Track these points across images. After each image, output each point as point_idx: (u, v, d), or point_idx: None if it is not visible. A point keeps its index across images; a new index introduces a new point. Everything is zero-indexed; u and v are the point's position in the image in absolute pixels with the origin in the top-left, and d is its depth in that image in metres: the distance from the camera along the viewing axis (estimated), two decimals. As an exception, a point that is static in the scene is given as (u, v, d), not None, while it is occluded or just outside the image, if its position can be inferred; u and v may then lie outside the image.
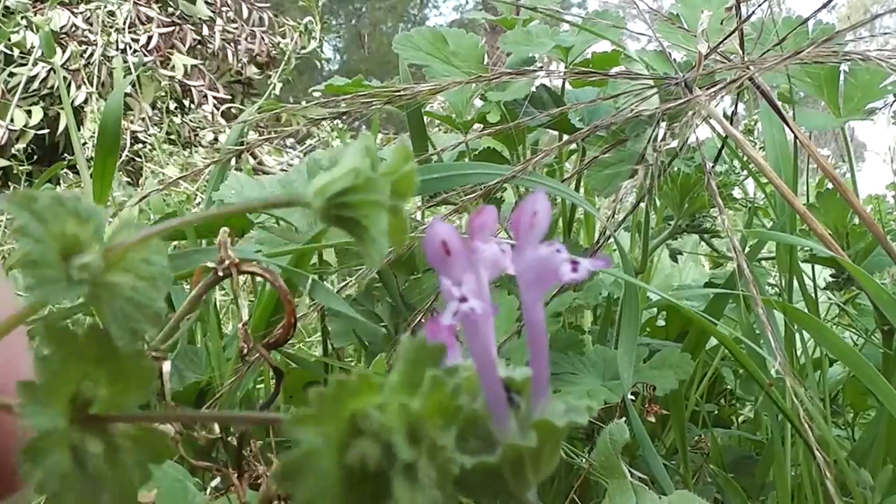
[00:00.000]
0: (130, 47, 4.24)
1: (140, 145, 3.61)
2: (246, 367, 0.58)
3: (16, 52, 3.91)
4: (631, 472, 0.58)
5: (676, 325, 1.00)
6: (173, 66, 4.71)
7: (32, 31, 3.70)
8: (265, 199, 0.55)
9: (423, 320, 0.98)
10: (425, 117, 0.97)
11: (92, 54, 4.20)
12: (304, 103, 0.90)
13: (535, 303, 0.22)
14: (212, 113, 4.70)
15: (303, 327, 1.05)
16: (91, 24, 4.32)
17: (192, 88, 4.76)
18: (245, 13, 5.28)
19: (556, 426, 0.22)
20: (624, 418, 0.64)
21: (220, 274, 0.42)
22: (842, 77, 0.88)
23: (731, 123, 0.84)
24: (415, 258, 0.90)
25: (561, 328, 0.86)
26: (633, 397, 0.80)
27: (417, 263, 0.96)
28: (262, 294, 0.81)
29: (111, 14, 4.22)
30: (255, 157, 3.85)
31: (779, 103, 0.83)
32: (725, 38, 0.82)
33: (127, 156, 3.47)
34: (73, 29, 4.37)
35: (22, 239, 0.20)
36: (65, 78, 3.99)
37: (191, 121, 4.49)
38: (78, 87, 4.04)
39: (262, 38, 5.22)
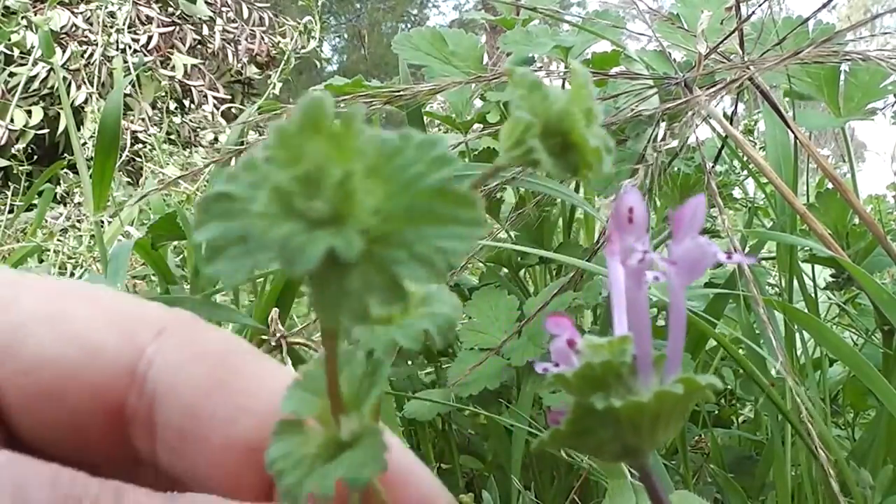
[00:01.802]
0: (130, 47, 4.24)
1: (140, 145, 3.61)
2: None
3: (16, 52, 3.91)
4: (631, 472, 0.58)
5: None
6: (173, 66, 4.72)
7: (32, 31, 3.70)
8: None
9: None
10: (425, 117, 0.97)
11: (92, 54, 4.20)
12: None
13: (682, 288, 0.25)
14: (212, 113, 4.70)
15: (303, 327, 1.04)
16: (91, 24, 4.33)
17: (192, 88, 4.76)
18: (245, 13, 5.28)
19: (699, 382, 0.23)
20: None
21: (273, 344, 0.43)
22: (842, 77, 0.88)
23: (731, 123, 0.84)
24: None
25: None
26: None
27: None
28: (262, 294, 0.81)
29: (111, 14, 4.22)
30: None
31: (783, 101, 0.83)
32: (725, 38, 0.82)
33: (127, 156, 3.47)
34: (73, 29, 4.37)
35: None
36: (65, 78, 3.99)
37: (191, 121, 4.49)
38: (78, 87, 4.04)
39: (262, 38, 5.22)
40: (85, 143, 2.99)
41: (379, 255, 0.15)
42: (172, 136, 3.68)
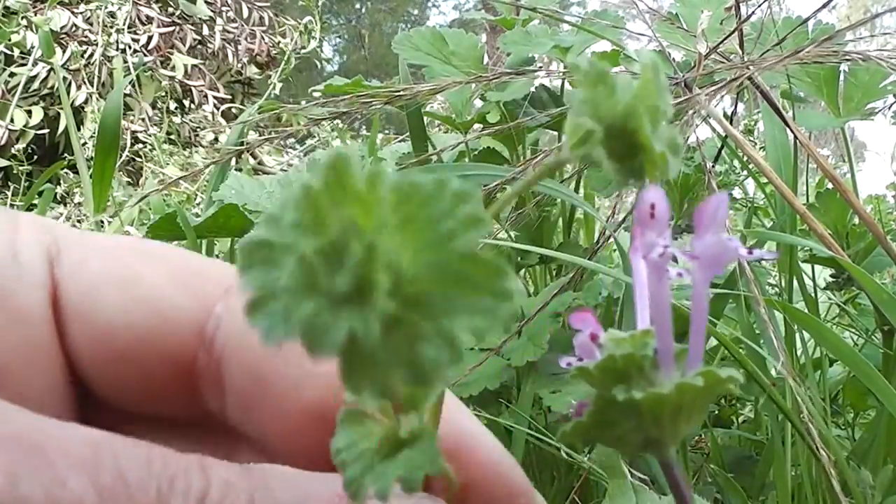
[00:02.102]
0: (130, 47, 4.24)
1: (140, 145, 3.61)
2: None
3: (16, 52, 3.91)
4: (631, 472, 0.58)
5: (676, 325, 0.99)
6: (173, 66, 4.72)
7: (32, 31, 3.70)
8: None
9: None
10: (425, 117, 0.97)
11: (92, 54, 4.20)
12: (303, 103, 0.90)
13: (705, 282, 0.26)
14: (212, 113, 4.70)
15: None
16: (91, 24, 4.33)
17: (193, 88, 4.76)
18: (245, 13, 5.28)
19: (720, 375, 0.24)
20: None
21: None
22: (842, 77, 0.88)
23: (731, 123, 0.84)
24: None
25: (561, 328, 0.86)
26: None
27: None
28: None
29: (111, 14, 4.22)
30: (255, 157, 3.85)
31: (782, 101, 0.83)
32: (725, 38, 0.82)
33: (127, 156, 3.47)
34: (74, 29, 4.37)
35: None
36: (65, 78, 3.99)
37: (191, 121, 4.49)
38: (78, 88, 4.04)
39: (263, 38, 5.22)
40: (85, 143, 2.99)
41: (405, 326, 0.15)
42: (172, 136, 3.69)
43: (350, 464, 0.20)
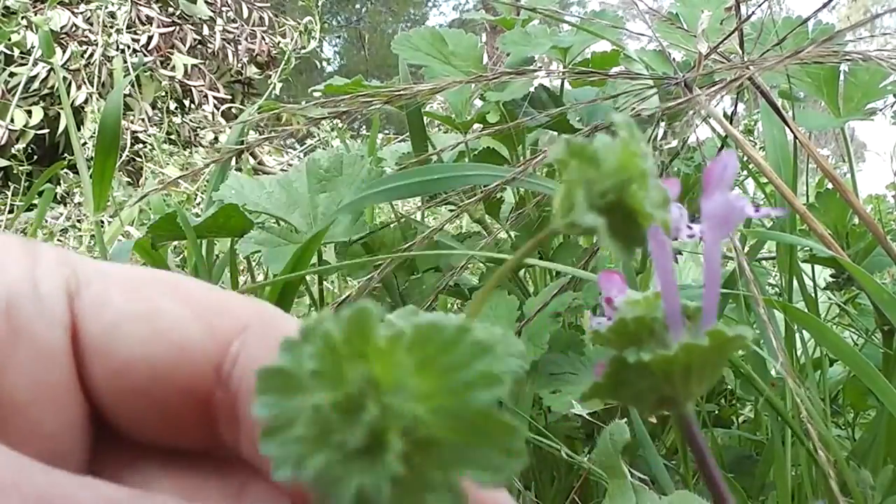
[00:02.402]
0: (130, 47, 4.24)
1: (140, 145, 3.61)
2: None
3: (16, 52, 3.91)
4: (631, 472, 0.58)
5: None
6: (173, 66, 4.71)
7: (32, 31, 3.70)
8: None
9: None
10: (425, 117, 0.97)
11: (92, 54, 4.20)
12: (304, 103, 0.90)
13: (716, 243, 0.26)
14: (212, 113, 4.70)
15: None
16: (91, 24, 4.33)
17: (193, 88, 4.76)
18: (245, 13, 5.28)
19: (727, 334, 0.24)
20: (625, 418, 0.64)
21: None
22: (842, 77, 0.88)
23: (731, 123, 0.84)
24: (414, 258, 0.90)
25: (561, 328, 0.86)
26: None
27: (417, 263, 0.96)
28: (261, 296, 0.81)
29: (111, 14, 4.22)
30: (255, 157, 3.85)
31: (780, 101, 0.83)
32: (725, 38, 0.82)
33: (127, 156, 3.47)
34: (74, 29, 4.37)
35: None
36: (65, 78, 3.99)
37: (191, 121, 4.49)
38: (78, 88, 4.04)
39: (263, 38, 5.22)
40: (85, 143, 2.99)
41: (415, 475, 0.15)
42: (172, 136, 3.69)
43: None
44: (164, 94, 4.30)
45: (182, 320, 0.27)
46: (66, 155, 3.76)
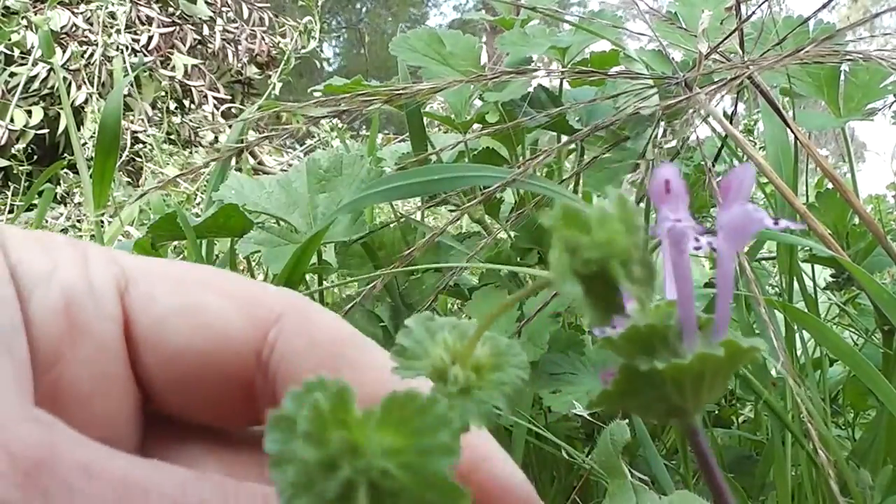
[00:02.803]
0: (130, 47, 4.24)
1: (140, 145, 3.61)
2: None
3: (16, 52, 3.91)
4: (631, 472, 0.58)
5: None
6: (173, 67, 4.71)
7: (32, 31, 3.70)
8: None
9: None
10: (425, 118, 0.97)
11: (92, 54, 4.20)
12: (303, 103, 0.90)
13: (731, 253, 0.26)
14: (212, 113, 4.70)
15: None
16: (91, 24, 4.32)
17: (193, 88, 4.76)
18: (245, 13, 5.28)
19: (741, 345, 0.24)
20: (625, 419, 0.64)
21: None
22: (842, 77, 0.88)
23: (731, 123, 0.84)
24: (415, 259, 0.90)
25: (561, 328, 0.86)
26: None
27: (416, 264, 0.96)
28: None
29: (111, 14, 4.22)
30: (255, 157, 3.85)
31: (782, 101, 0.83)
32: (726, 38, 0.82)
33: (127, 156, 3.47)
34: (74, 29, 4.37)
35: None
36: (65, 78, 3.99)
37: (191, 121, 4.49)
38: (78, 88, 4.04)
39: (263, 39, 5.22)
40: (85, 143, 2.99)
41: None
42: (172, 136, 3.69)
43: None
44: (164, 94, 4.31)
45: (224, 312, 0.30)
46: (66, 155, 3.75)
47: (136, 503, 0.21)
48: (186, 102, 4.77)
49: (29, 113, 4.05)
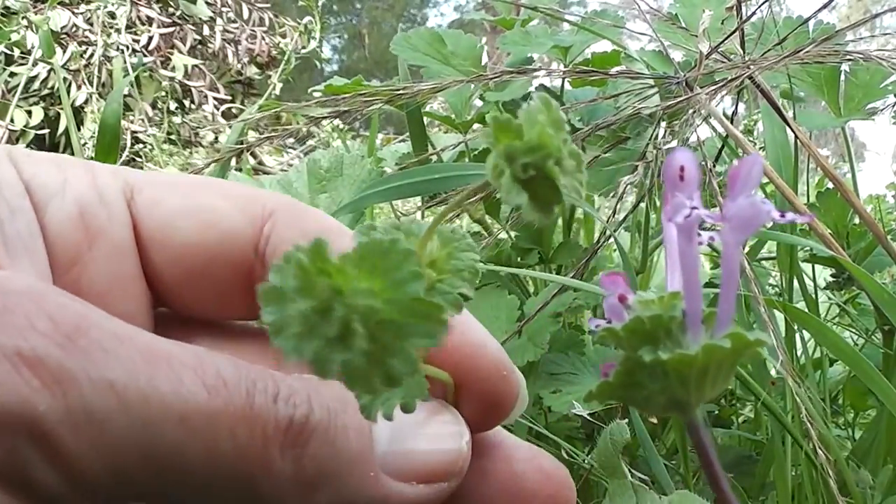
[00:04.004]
0: (130, 47, 4.24)
1: (140, 145, 3.61)
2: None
3: (16, 52, 3.91)
4: (631, 472, 0.58)
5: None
6: (174, 67, 4.71)
7: (32, 31, 3.70)
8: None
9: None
10: (425, 117, 0.97)
11: (92, 54, 4.20)
12: (303, 103, 0.90)
13: (736, 246, 0.26)
14: (212, 113, 4.70)
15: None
16: (91, 25, 4.32)
17: (193, 89, 4.76)
18: (245, 13, 5.28)
19: (748, 338, 0.24)
20: (625, 418, 0.64)
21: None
22: (842, 77, 0.88)
23: (732, 123, 0.84)
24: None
25: (561, 328, 0.86)
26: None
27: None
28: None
29: (111, 14, 4.22)
30: (255, 157, 3.85)
31: (781, 101, 0.83)
32: (726, 38, 0.82)
33: (127, 156, 3.47)
34: (74, 29, 4.36)
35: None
36: (65, 78, 3.99)
37: (191, 121, 4.49)
38: (78, 88, 4.04)
39: (263, 39, 5.22)
40: (85, 144, 2.99)
41: (379, 347, 0.21)
42: (172, 136, 3.69)
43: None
44: (164, 94, 4.31)
45: (223, 210, 0.33)
46: (66, 155, 3.74)
47: (161, 366, 0.24)
48: (186, 103, 4.77)
49: (29, 113, 4.04)
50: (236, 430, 0.24)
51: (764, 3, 0.84)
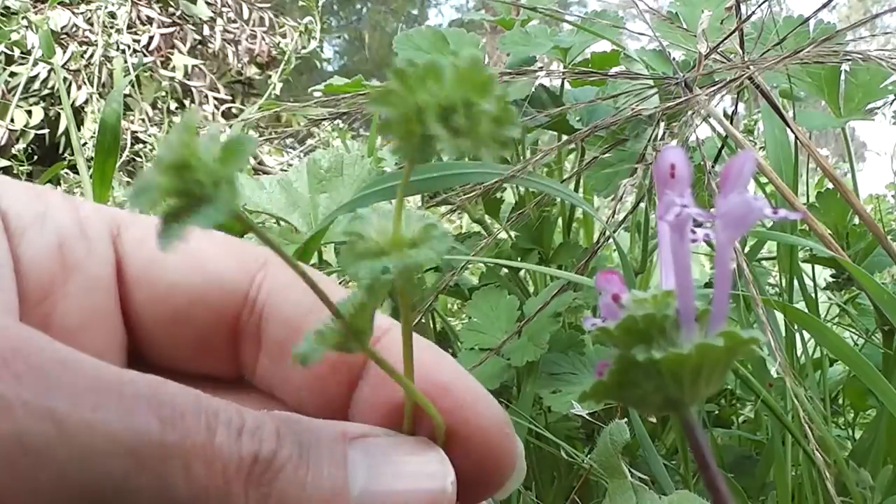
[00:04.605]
0: (130, 48, 4.24)
1: (140, 145, 3.61)
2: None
3: (16, 51, 3.91)
4: (631, 472, 0.58)
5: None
6: (174, 67, 4.71)
7: (33, 31, 3.70)
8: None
9: (422, 320, 0.98)
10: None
11: (92, 55, 4.20)
12: (304, 103, 0.90)
13: (729, 243, 0.25)
14: (212, 113, 4.70)
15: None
16: (91, 25, 4.32)
17: (193, 89, 4.76)
18: (246, 13, 5.28)
19: (741, 336, 0.24)
20: (625, 418, 0.64)
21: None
22: (842, 77, 0.88)
23: (731, 123, 0.84)
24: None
25: (561, 328, 0.86)
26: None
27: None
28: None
29: (111, 15, 4.22)
30: (255, 157, 3.86)
31: (782, 101, 0.83)
32: (726, 38, 0.82)
33: (127, 156, 3.47)
34: (74, 29, 4.37)
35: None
36: (65, 78, 3.99)
37: (191, 121, 4.48)
38: (78, 88, 4.04)
39: (263, 39, 5.22)
40: (85, 144, 2.99)
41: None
42: (173, 137, 3.68)
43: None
44: (164, 94, 4.31)
45: (214, 254, 0.32)
46: (66, 155, 3.76)
47: (110, 394, 0.22)
48: (187, 102, 4.77)
49: (29, 113, 4.05)
50: (193, 466, 0.22)
51: (764, 2, 0.84)
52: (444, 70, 0.23)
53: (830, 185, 0.94)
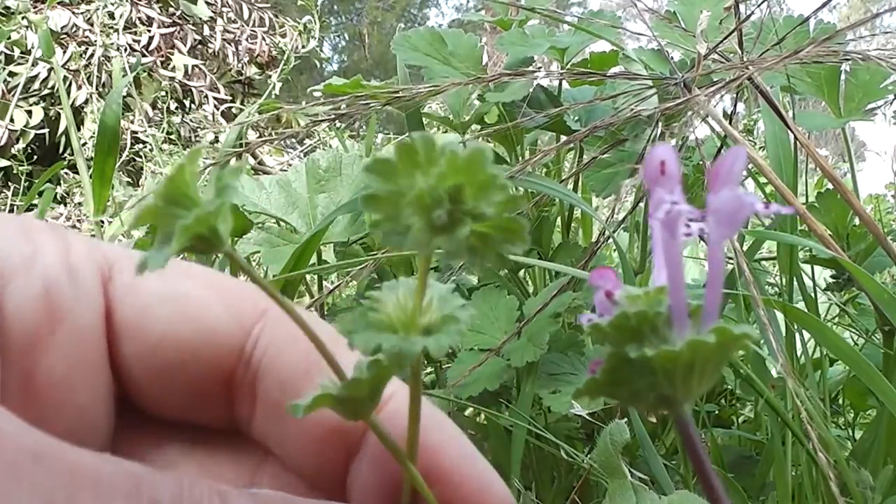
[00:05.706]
0: (130, 48, 4.24)
1: (140, 145, 3.61)
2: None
3: (16, 51, 3.91)
4: (631, 472, 0.58)
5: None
6: (174, 67, 4.71)
7: (32, 30, 3.70)
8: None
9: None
10: (424, 118, 0.97)
11: (92, 55, 4.20)
12: (303, 103, 0.90)
13: (721, 240, 0.25)
14: (212, 113, 4.70)
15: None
16: (91, 25, 4.32)
17: (193, 89, 4.76)
18: (245, 13, 5.28)
19: (733, 332, 0.24)
20: (625, 418, 0.64)
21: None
22: (842, 77, 0.88)
23: (731, 123, 0.84)
24: (413, 257, 0.90)
25: (561, 328, 0.86)
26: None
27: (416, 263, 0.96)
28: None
29: (111, 15, 4.22)
30: (255, 157, 3.85)
31: (782, 100, 0.83)
32: (725, 38, 0.82)
33: (127, 156, 3.47)
34: (74, 29, 4.36)
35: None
36: (65, 78, 3.99)
37: (191, 121, 4.49)
38: (78, 88, 4.04)
39: (263, 39, 5.22)
40: (85, 144, 2.99)
41: (482, 242, 0.23)
42: (172, 136, 3.69)
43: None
44: (164, 94, 4.31)
45: (208, 304, 0.30)
46: (66, 155, 3.76)
47: (86, 492, 0.21)
48: (186, 102, 4.77)
49: (29, 113, 4.05)
50: None
51: (763, 2, 0.84)
52: (441, 157, 0.22)
53: (830, 186, 0.94)
